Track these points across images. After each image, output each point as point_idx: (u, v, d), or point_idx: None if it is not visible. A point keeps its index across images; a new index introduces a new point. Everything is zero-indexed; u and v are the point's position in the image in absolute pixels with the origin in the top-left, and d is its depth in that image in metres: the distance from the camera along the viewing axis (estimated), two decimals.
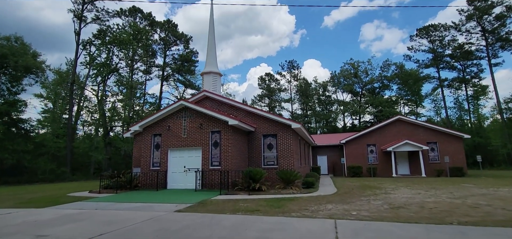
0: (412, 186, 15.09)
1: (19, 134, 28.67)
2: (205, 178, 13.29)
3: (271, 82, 61.31)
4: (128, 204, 9.60)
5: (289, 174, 13.19)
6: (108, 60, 33.21)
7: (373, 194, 12.06)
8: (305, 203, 9.63)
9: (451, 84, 49.12)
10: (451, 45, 47.20)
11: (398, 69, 52.38)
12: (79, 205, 9.87)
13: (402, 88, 53.67)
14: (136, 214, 7.79)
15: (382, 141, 25.25)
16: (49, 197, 12.73)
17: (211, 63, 17.47)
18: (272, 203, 9.52)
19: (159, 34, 45.78)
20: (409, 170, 24.50)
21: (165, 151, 14.27)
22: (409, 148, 23.11)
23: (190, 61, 47.74)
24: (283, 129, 15.15)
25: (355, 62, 54.78)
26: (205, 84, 17.08)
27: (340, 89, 57.38)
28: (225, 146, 13.31)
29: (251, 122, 15.58)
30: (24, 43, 28.89)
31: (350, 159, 25.63)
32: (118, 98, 37.21)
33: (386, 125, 25.58)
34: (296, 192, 12.41)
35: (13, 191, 17.39)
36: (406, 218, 6.94)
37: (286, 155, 14.88)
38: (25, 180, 26.85)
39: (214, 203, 9.54)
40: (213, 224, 6.40)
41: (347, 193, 12.36)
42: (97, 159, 33.64)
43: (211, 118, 13.81)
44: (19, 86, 31.32)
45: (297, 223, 6.39)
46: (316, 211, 8.03)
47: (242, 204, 9.33)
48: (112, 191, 13.59)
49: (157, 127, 14.72)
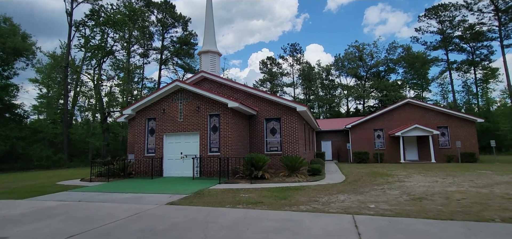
0: (425, 173, 14.07)
1: (12, 119, 27.71)
2: (204, 165, 12.29)
3: (273, 66, 59.69)
4: (116, 195, 8.63)
5: (294, 160, 12.17)
6: (103, 42, 31.77)
7: (385, 182, 11.05)
8: (313, 193, 8.63)
9: (459, 67, 47.44)
10: (461, 26, 45.23)
11: (404, 52, 50.54)
12: (63, 195, 8.92)
13: (408, 72, 52.01)
14: (122, 208, 6.80)
15: (390, 125, 24.12)
16: (36, 186, 11.80)
17: (209, 42, 16.17)
18: (276, 193, 8.51)
19: (156, 16, 44.02)
20: (417, 155, 23.48)
21: (160, 136, 13.23)
22: (419, 132, 21.99)
23: (189, 44, 46.12)
24: (288, 112, 14.03)
25: (360, 44, 52.99)
26: (203, 65, 15.84)
27: (344, 73, 55.80)
28: (225, 130, 12.24)
29: (252, 104, 14.45)
30: (14, 24, 27.48)
31: (356, 144, 24.59)
32: (115, 82, 36.02)
33: (394, 109, 24.37)
34: (301, 180, 11.42)
35: (3, 179, 16.54)
36: (435, 212, 5.90)
37: (291, 140, 13.81)
38: (20, 167, 26.12)
39: (212, 194, 8.55)
40: (209, 221, 5.39)
41: (357, 181, 11.36)
42: (95, 145, 32.80)
43: (209, 100, 12.67)
44: (11, 70, 30.17)
45: (309, 220, 5.36)
46: (327, 204, 7.02)
47: (243, 195, 8.33)
48: (105, 179, 12.70)
49: (151, 110, 13.62)
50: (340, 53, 56.53)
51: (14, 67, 30.55)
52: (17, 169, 25.78)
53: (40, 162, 27.96)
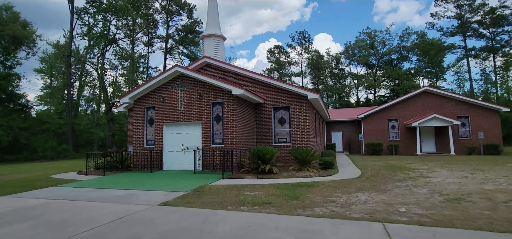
0: (448, 167, 12.81)
1: (15, 110, 27.29)
2: (206, 158, 11.32)
3: (281, 55, 58.08)
4: (108, 192, 7.73)
5: (305, 153, 11.07)
6: (105, 30, 30.87)
7: (407, 177, 9.88)
8: (328, 191, 7.55)
9: (478, 54, 45.01)
10: (480, 10, 42.63)
11: (419, 38, 48.19)
12: (50, 192, 8.07)
13: (422, 60, 49.77)
14: (107, 209, 5.88)
15: (406, 115, 22.68)
16: (28, 180, 11.05)
17: (213, 25, 15.00)
18: (286, 191, 7.47)
19: (160, 3, 42.85)
20: (435, 147, 22.07)
21: (159, 127, 12.28)
22: (437, 122, 20.54)
23: (195, 32, 44.92)
24: (298, 100, 12.87)
25: (371, 31, 50.81)
26: (206, 50, 14.72)
27: (354, 62, 53.90)
28: (229, 119, 11.19)
29: (259, 92, 13.34)
30: (14, 12, 26.76)
31: (369, 135, 23.29)
32: (119, 72, 35.29)
33: (410, 98, 22.88)
34: (313, 174, 10.34)
35: (1, 171, 15.98)
36: (484, 220, 4.76)
37: (301, 131, 12.69)
38: (24, 158, 25.77)
39: (214, 191, 7.56)
40: (204, 230, 4.38)
41: (375, 176, 10.21)
42: (99, 136, 32.32)
43: (212, 87, 11.61)
44: (14, 59, 29.65)
45: (329, 231, 4.30)
46: (347, 205, 5.94)
47: (248, 193, 7.32)
48: (102, 172, 11.91)
49: (150, 98, 12.66)
50: (351, 41, 54.26)
51: (17, 57, 30.06)
52: (21, 160, 25.44)
53: (45, 153, 27.60)
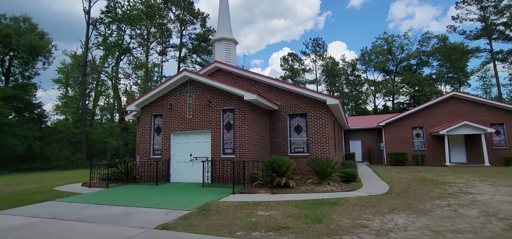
0: (489, 180, 11.29)
1: (31, 119, 27.55)
2: (216, 169, 10.38)
3: (295, 62, 57.09)
4: (103, 209, 6.91)
5: (325, 164, 9.92)
6: (120, 39, 31.03)
7: (446, 193, 8.54)
8: (356, 210, 6.41)
9: (505, 57, 42.25)
10: (506, 11, 40.14)
11: (440, 42, 45.98)
12: (42, 208, 7.32)
13: (443, 65, 47.39)
14: (94, 233, 5.00)
15: (431, 122, 21.00)
16: (29, 192, 10.48)
17: (224, 28, 14.25)
18: (306, 210, 6.38)
19: (174, 13, 43.05)
20: (466, 157, 20.21)
21: (167, 136, 11.49)
22: (468, 130, 18.78)
23: (208, 41, 44.70)
24: (315, 106, 11.78)
25: (389, 36, 49.03)
26: (217, 54, 13.95)
27: (371, 68, 52.05)
28: (240, 127, 10.25)
29: (274, 98, 12.37)
30: (33, 23, 27.29)
31: (391, 144, 21.70)
32: (133, 81, 35.37)
33: (436, 104, 21.22)
34: (335, 188, 9.17)
35: (8, 181, 15.68)
36: None
37: (320, 140, 11.56)
38: (38, 167, 25.78)
39: (222, 210, 6.57)
40: None
41: (407, 192, 8.92)
42: (113, 145, 32.20)
43: (222, 93, 10.74)
44: (32, 70, 30.21)
45: None
46: (383, 232, 4.80)
47: (262, 213, 6.29)
48: (111, 183, 11.27)
49: (157, 105, 11.94)
50: (367, 47, 52.57)
51: (35, 68, 30.63)
52: (35, 169, 25.45)
53: (58, 162, 27.58)
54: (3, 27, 24.85)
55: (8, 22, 25.75)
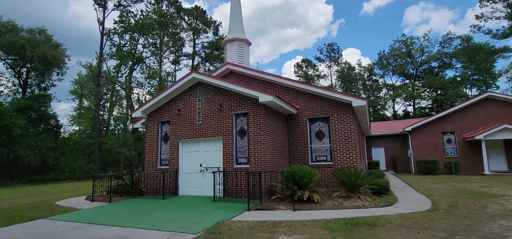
0: None
1: (45, 130, 27.52)
2: (228, 181, 9.22)
3: (309, 68, 55.73)
4: (96, 231, 5.87)
5: (355, 175, 8.55)
6: (132, 48, 30.88)
7: (507, 210, 6.99)
8: (404, 234, 5.05)
9: None
10: None
11: (463, 43, 43.45)
12: (28, 229, 6.37)
13: (468, 66, 44.65)
14: None
15: (464, 126, 19.07)
16: (26, 208, 9.66)
17: (236, 29, 13.29)
18: (341, 235, 5.09)
19: (187, 21, 42.95)
20: (506, 164, 18.11)
21: (175, 144, 10.49)
22: (509, 134, 16.79)
23: (220, 49, 44.31)
24: (339, 109, 10.48)
25: (408, 39, 46.90)
26: (229, 56, 12.97)
27: (389, 72, 49.91)
28: (255, 133, 9.08)
29: (291, 101, 11.17)
30: (48, 35, 27.53)
31: (419, 151, 19.86)
32: (146, 91, 35.13)
33: (468, 106, 19.29)
34: (367, 204, 7.78)
35: (15, 193, 15.11)
36: None
37: (345, 147, 10.21)
38: (51, 178, 25.53)
39: (234, 233, 5.37)
40: None
41: (456, 208, 7.41)
42: (126, 155, 31.78)
43: (234, 95, 9.65)
44: (48, 81, 30.43)
45: None
46: None
47: (284, 237, 5.04)
48: (115, 196, 10.38)
49: (164, 111, 10.99)
50: (384, 50, 50.53)
51: (51, 80, 30.87)
52: (49, 180, 25.21)
53: (72, 173, 27.29)
54: (19, 39, 25.13)
55: (24, 34, 26.06)
